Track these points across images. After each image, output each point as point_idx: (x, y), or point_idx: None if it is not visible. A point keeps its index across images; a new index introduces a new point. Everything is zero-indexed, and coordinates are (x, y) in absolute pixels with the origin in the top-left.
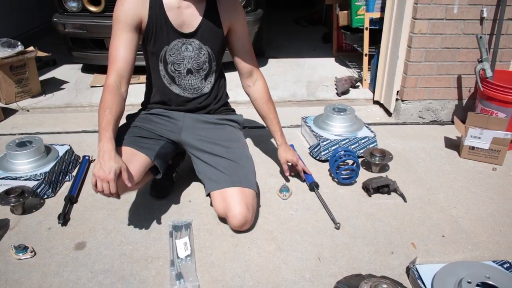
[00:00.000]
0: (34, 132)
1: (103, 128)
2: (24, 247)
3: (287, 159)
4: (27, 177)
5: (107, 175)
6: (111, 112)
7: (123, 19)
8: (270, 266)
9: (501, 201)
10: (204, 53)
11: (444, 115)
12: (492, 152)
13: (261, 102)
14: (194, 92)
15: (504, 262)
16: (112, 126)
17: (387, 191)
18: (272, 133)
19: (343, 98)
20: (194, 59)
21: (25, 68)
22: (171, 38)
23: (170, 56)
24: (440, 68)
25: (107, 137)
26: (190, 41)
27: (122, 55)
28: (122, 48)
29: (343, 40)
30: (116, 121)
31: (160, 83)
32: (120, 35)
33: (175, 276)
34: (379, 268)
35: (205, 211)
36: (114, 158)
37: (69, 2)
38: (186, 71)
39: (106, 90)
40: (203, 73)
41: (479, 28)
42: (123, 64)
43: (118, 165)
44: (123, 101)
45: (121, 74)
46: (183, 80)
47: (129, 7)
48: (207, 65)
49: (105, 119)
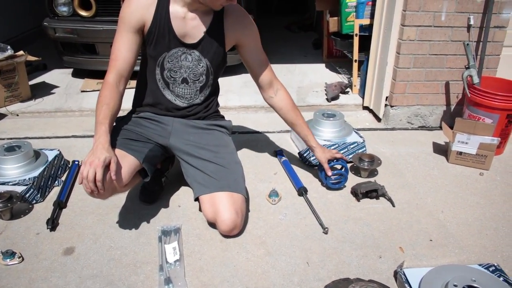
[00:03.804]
0: (23, 136)
1: (99, 122)
2: (11, 252)
3: (328, 158)
4: (15, 182)
5: (95, 161)
6: (109, 107)
7: (127, 20)
8: (259, 270)
9: (487, 206)
10: (203, 65)
11: (433, 121)
12: (479, 157)
13: (287, 110)
14: (185, 101)
15: (490, 265)
16: (109, 121)
17: (376, 196)
18: (303, 137)
19: (333, 103)
20: (192, 70)
21: (14, 73)
22: (172, 45)
23: (168, 62)
24: (428, 74)
25: (103, 130)
26: (190, 51)
27: (123, 55)
28: (123, 48)
29: (333, 46)
30: (113, 116)
31: (154, 86)
32: (123, 36)
33: (164, 281)
34: (367, 272)
35: (194, 216)
36: (107, 149)
37: (59, 6)
38: (181, 80)
39: (105, 86)
40: (199, 85)
41: (466, 35)
42: (123, 63)
43: (110, 155)
44: (120, 98)
45: (120, 73)
46: (177, 88)
47: (135, 9)
48: (204, 77)
49: (102, 113)
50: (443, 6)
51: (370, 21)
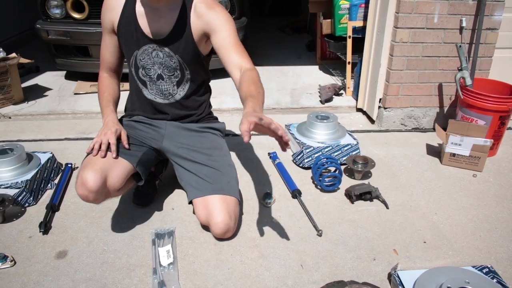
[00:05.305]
0: (16, 139)
1: (105, 106)
2: (3, 256)
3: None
4: (7, 185)
5: (108, 132)
6: (110, 93)
7: (102, 22)
8: (252, 273)
9: (481, 207)
10: (175, 61)
11: (426, 123)
12: (473, 158)
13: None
14: (165, 98)
15: (483, 267)
16: (112, 103)
17: (370, 198)
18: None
19: (326, 105)
20: (165, 65)
21: (7, 75)
22: (141, 43)
23: (140, 60)
24: (422, 76)
25: (110, 110)
26: (160, 48)
27: (107, 57)
28: (107, 50)
29: (327, 48)
30: (115, 99)
31: (135, 86)
32: (105, 38)
33: (157, 284)
34: (361, 274)
35: (188, 218)
36: (117, 123)
37: (52, 8)
38: (157, 76)
39: (100, 80)
40: (175, 79)
41: (459, 37)
42: (109, 64)
43: (120, 127)
44: (118, 84)
45: (111, 69)
46: (154, 85)
47: (105, 10)
48: (179, 72)
49: (105, 99)
50: (436, 8)
51: (363, 23)
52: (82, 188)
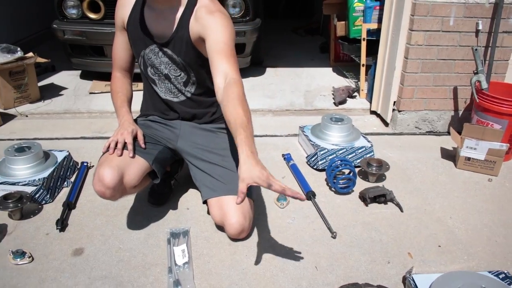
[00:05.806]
0: (33, 137)
1: (119, 106)
2: (21, 252)
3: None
4: (25, 182)
5: (124, 132)
6: (124, 93)
7: (115, 20)
8: (267, 274)
9: (496, 212)
10: (179, 63)
11: (441, 126)
12: (488, 163)
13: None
14: (174, 96)
15: (499, 272)
16: (127, 103)
17: (384, 201)
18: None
19: (340, 107)
20: (171, 66)
21: (24, 74)
22: (148, 43)
23: (148, 59)
24: (437, 79)
25: (125, 111)
26: (164, 49)
27: (119, 55)
28: (119, 47)
29: (340, 50)
30: (129, 100)
31: (147, 85)
32: (117, 36)
33: (172, 283)
34: (376, 277)
35: (202, 218)
36: (133, 123)
37: (69, 9)
38: (164, 76)
39: (113, 80)
40: (182, 80)
41: (475, 40)
42: (122, 62)
43: (136, 127)
44: (130, 86)
45: (123, 68)
46: (163, 83)
47: (117, 7)
48: (184, 73)
49: (119, 99)
50: (452, 11)
51: (377, 25)
52: (99, 184)
